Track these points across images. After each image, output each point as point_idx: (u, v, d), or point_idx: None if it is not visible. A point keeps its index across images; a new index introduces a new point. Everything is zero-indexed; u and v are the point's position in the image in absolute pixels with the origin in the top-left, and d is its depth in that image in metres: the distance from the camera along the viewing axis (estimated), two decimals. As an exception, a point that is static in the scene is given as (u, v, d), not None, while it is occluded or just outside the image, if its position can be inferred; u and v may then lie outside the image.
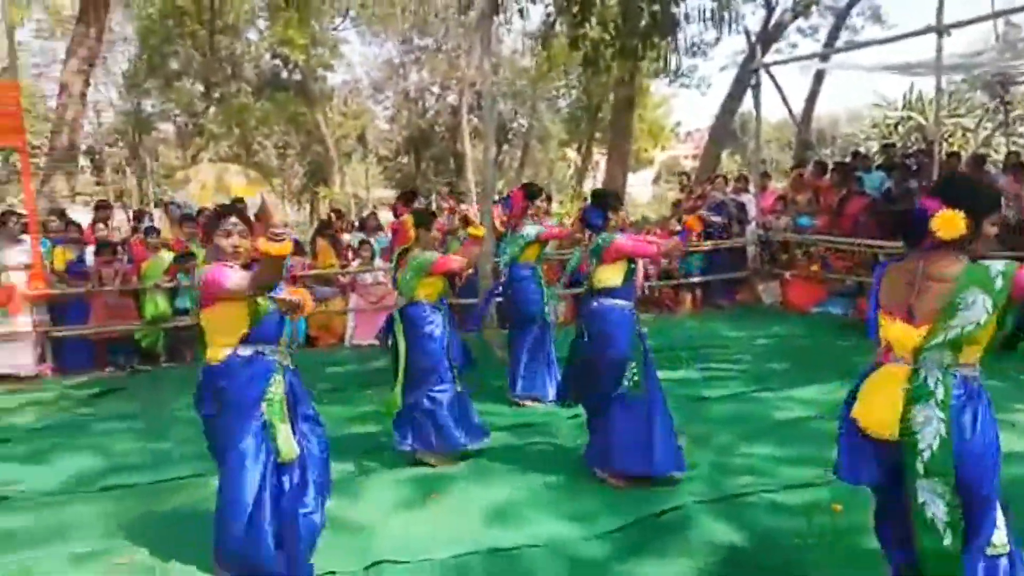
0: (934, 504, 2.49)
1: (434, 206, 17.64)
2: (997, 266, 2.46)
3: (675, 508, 4.18)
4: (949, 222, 2.46)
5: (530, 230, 6.44)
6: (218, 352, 3.47)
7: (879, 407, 2.57)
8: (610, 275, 4.61)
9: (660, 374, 4.81)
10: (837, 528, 3.76)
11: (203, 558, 3.83)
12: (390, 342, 5.14)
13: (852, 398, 2.73)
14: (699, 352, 7.79)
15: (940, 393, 2.48)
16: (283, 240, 3.09)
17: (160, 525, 4.32)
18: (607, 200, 4.86)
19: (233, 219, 3.50)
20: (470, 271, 6.84)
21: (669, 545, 3.80)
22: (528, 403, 6.33)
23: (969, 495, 2.50)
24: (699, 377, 6.90)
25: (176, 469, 5.20)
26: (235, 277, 3.36)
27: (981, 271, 2.47)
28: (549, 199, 10.42)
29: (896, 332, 2.54)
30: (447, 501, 4.50)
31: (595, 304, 4.65)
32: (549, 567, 3.67)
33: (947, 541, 2.48)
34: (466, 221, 6.48)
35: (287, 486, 3.49)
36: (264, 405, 3.45)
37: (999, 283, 2.43)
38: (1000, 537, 2.53)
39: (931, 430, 2.47)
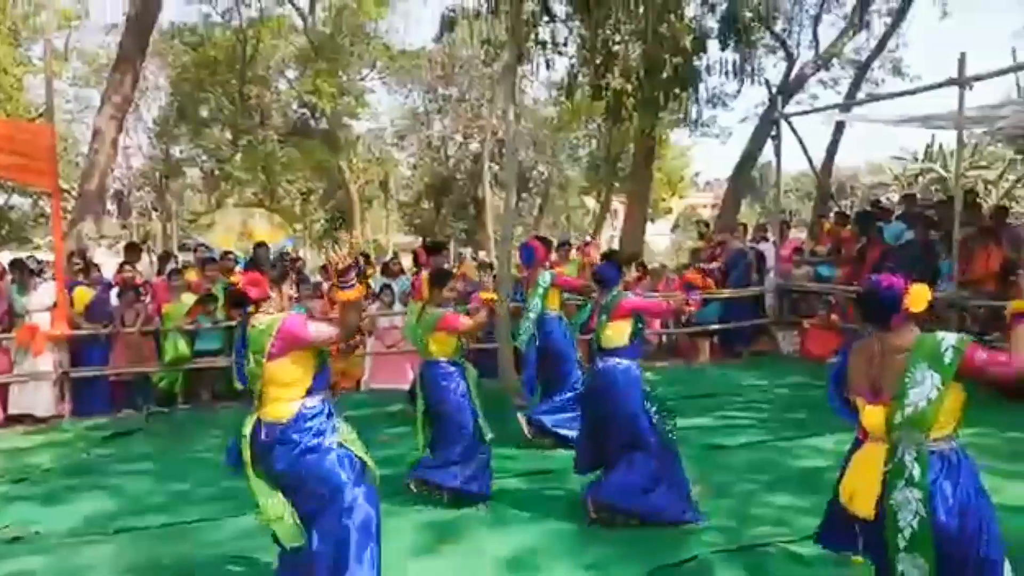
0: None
1: (452, 252, 17.79)
2: (949, 340, 2.46)
3: (692, 558, 4.12)
4: (921, 296, 2.51)
5: (545, 276, 6.57)
6: (283, 408, 3.37)
7: (860, 489, 2.59)
8: (617, 333, 4.67)
9: (680, 422, 4.80)
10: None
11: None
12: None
13: (841, 472, 2.76)
14: (717, 400, 7.73)
15: (916, 472, 2.48)
16: (352, 285, 3.19)
17: (174, 568, 4.32)
18: (622, 256, 4.94)
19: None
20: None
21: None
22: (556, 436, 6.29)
23: (961, 567, 2.47)
24: (717, 425, 6.84)
25: (191, 511, 5.21)
26: (318, 328, 3.37)
27: (930, 344, 2.47)
28: (568, 246, 10.53)
29: (867, 416, 2.56)
30: (463, 547, 4.46)
31: (601, 364, 4.70)
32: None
33: None
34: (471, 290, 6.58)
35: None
36: (336, 440, 3.43)
37: (948, 357, 2.43)
38: None
39: (910, 509, 2.47)
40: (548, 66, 13.24)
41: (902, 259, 8.50)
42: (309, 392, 3.40)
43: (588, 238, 13.27)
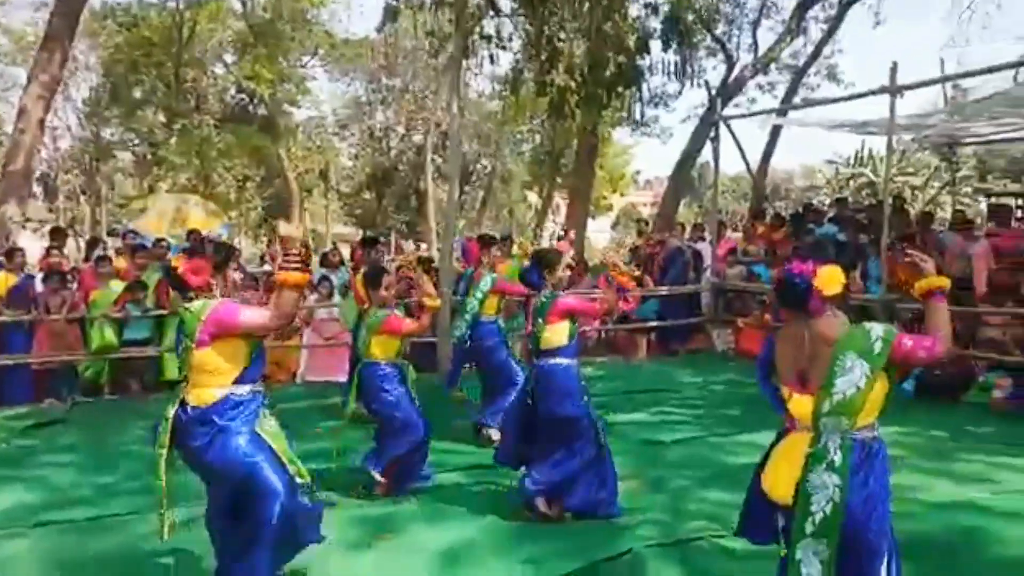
0: (810, 564, 2.52)
1: (393, 244, 17.64)
2: (877, 330, 2.51)
3: (627, 552, 4.16)
4: (831, 279, 2.53)
5: (485, 281, 6.51)
6: (207, 394, 3.28)
7: (783, 475, 2.62)
8: (556, 335, 4.69)
9: (615, 417, 4.85)
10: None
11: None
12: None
13: (762, 464, 2.81)
14: (653, 396, 7.84)
15: (837, 459, 2.51)
16: (297, 267, 3.02)
17: (97, 563, 4.18)
18: (544, 260, 4.93)
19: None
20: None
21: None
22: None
23: (856, 547, 2.52)
24: (653, 421, 6.93)
25: (118, 504, 5.05)
26: (251, 314, 3.25)
27: (859, 335, 2.51)
28: (510, 240, 10.54)
29: (794, 405, 2.60)
30: (397, 541, 4.42)
31: (543, 364, 4.70)
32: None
33: None
34: (410, 285, 6.49)
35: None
36: (264, 436, 3.36)
37: (877, 348, 2.48)
38: None
39: (825, 494, 2.50)
40: (492, 60, 13.20)
41: (817, 253, 8.78)
42: (238, 381, 3.32)
43: (562, 232, 13.28)
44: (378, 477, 5.02)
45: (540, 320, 4.70)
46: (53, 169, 27.30)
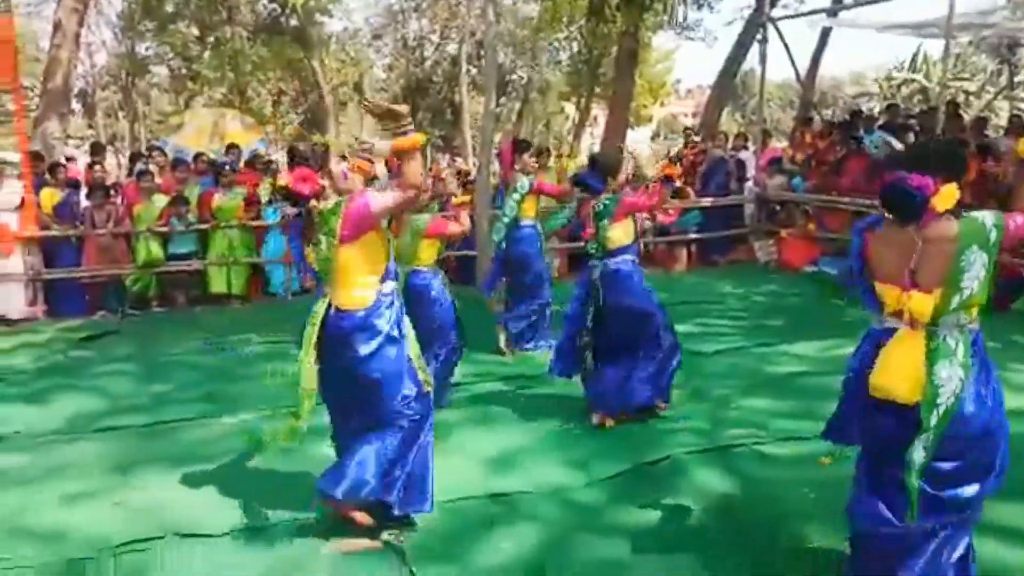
0: (917, 452, 2.54)
1: (429, 159, 17.50)
2: (988, 219, 2.51)
3: (666, 458, 4.23)
4: (950, 196, 2.49)
5: (523, 182, 6.43)
6: (358, 295, 3.26)
7: (903, 372, 2.58)
8: (622, 234, 4.74)
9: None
10: (824, 481, 3.79)
11: (200, 499, 3.88)
12: None
13: (859, 365, 2.77)
14: (695, 308, 7.80)
15: (960, 353, 2.54)
16: (406, 132, 2.91)
17: (156, 466, 4.35)
18: (607, 164, 4.92)
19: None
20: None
21: (661, 492, 3.87)
22: (529, 350, 6.44)
23: (972, 458, 2.56)
24: (695, 332, 6.90)
25: (173, 411, 5.24)
26: (381, 197, 3.18)
27: (976, 227, 2.50)
28: (548, 152, 10.37)
29: (916, 303, 2.54)
30: (445, 447, 4.53)
31: (611, 265, 4.73)
32: (546, 512, 3.73)
33: (913, 479, 2.54)
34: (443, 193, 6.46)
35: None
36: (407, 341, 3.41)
37: (993, 236, 2.49)
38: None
39: (951, 387, 2.51)
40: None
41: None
42: (384, 279, 3.33)
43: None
44: None
45: (605, 221, 4.68)
46: (90, 85, 27.33)
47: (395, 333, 3.33)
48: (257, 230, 8.91)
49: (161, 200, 8.68)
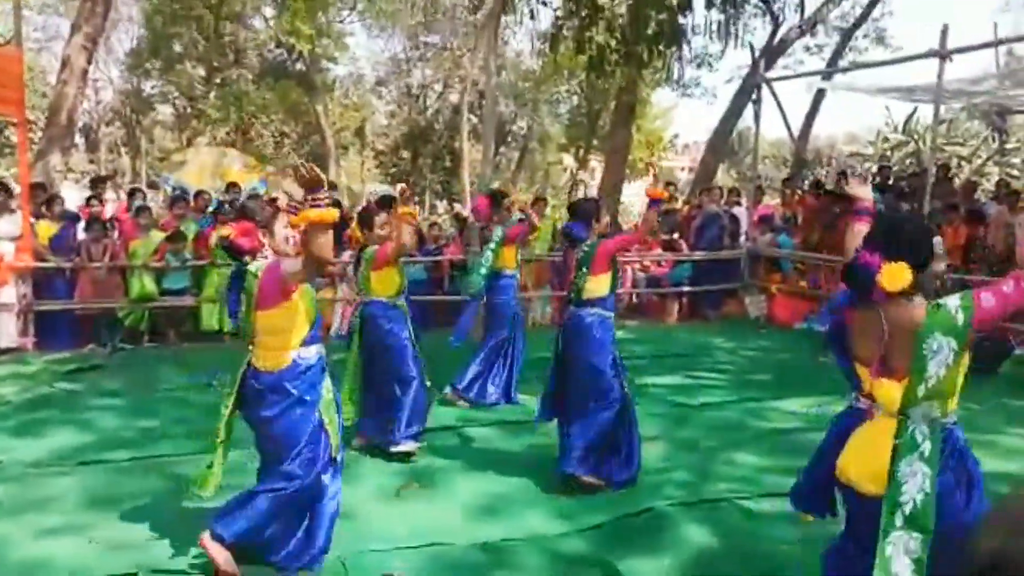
0: (899, 559, 2.40)
1: (427, 204, 17.64)
2: (952, 301, 2.38)
3: (651, 509, 4.22)
4: (894, 276, 2.39)
5: (497, 233, 6.50)
6: (277, 358, 3.34)
7: (863, 462, 2.52)
8: (597, 285, 4.68)
9: (646, 380, 4.87)
10: (805, 538, 3.79)
11: (177, 536, 3.84)
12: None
13: (828, 444, 2.78)
14: (685, 360, 7.83)
15: (927, 448, 2.41)
16: (321, 205, 2.91)
17: (138, 502, 4.31)
18: (583, 210, 4.88)
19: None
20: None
21: (644, 543, 3.86)
22: (462, 402, 6.30)
23: (951, 544, 2.37)
24: (684, 384, 6.95)
25: (158, 447, 5.21)
26: (289, 263, 3.26)
27: (941, 313, 2.38)
28: (545, 201, 10.51)
29: (881, 392, 2.48)
30: (430, 492, 4.52)
31: (580, 314, 4.69)
32: (528, 560, 3.72)
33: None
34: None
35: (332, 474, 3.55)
36: (321, 404, 3.44)
37: (960, 319, 2.35)
38: None
39: (915, 484, 2.40)
40: (533, 16, 13.07)
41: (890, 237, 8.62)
42: (305, 343, 3.38)
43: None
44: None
45: (584, 269, 4.68)
46: (95, 121, 27.64)
47: (308, 397, 3.37)
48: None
49: (158, 236, 8.74)
